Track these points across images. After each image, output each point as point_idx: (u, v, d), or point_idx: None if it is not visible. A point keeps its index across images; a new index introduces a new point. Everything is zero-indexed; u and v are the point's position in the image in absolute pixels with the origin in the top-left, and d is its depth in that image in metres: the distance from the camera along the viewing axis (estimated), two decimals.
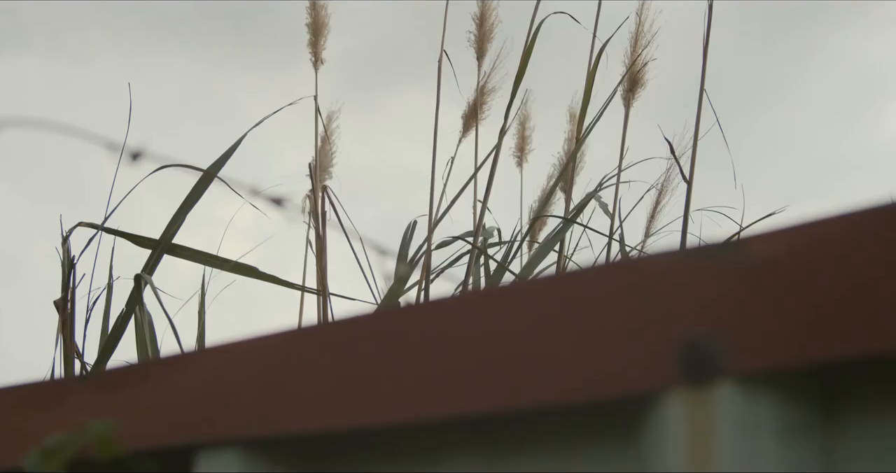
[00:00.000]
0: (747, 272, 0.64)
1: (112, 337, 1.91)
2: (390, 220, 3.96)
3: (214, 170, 1.98)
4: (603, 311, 0.68)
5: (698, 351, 0.64)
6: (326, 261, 2.00)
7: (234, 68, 4.84)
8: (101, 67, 4.89)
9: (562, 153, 2.42)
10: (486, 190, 2.14)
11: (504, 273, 2.02)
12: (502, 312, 0.72)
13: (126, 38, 4.80)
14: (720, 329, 0.62)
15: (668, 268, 0.67)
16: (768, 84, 4.32)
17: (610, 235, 2.13)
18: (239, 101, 4.90)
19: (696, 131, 1.94)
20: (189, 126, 4.78)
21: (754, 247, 0.65)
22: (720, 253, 0.66)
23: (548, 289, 0.72)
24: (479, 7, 2.36)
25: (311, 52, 2.41)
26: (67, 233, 1.93)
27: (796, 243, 0.62)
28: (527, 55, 2.16)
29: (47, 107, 4.85)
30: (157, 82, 4.85)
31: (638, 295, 0.67)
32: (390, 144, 4.10)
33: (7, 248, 4.52)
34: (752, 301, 0.62)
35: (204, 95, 4.91)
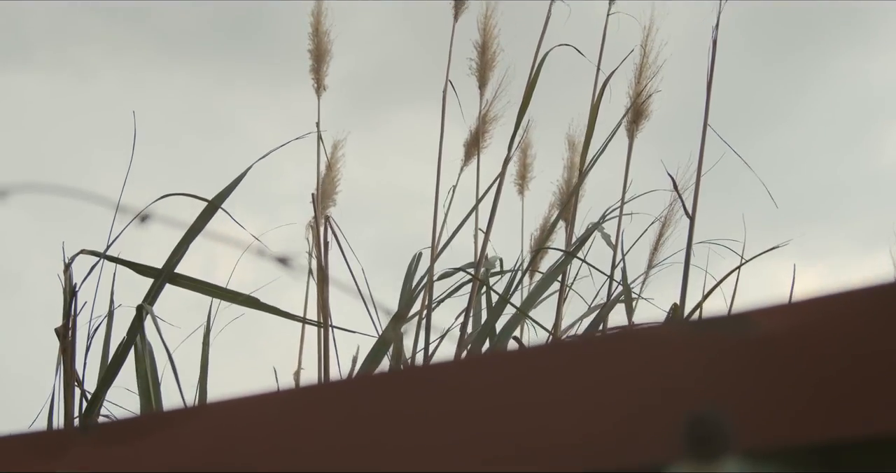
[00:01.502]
0: (752, 346, 0.64)
1: (112, 367, 1.91)
2: (389, 240, 3.96)
3: (219, 201, 1.98)
4: (606, 381, 0.68)
5: (704, 427, 0.64)
6: (328, 293, 2.01)
7: (235, 84, 4.85)
8: (103, 82, 4.90)
9: (562, 181, 2.43)
10: (488, 221, 2.15)
11: (505, 305, 2.02)
12: (501, 379, 0.71)
13: (128, 53, 4.81)
14: (725, 403, 0.62)
15: (674, 340, 0.67)
16: (769, 106, 4.33)
17: (612, 269, 2.13)
18: (239, 118, 4.91)
19: (699, 166, 1.95)
20: (189, 141, 4.79)
21: (759, 322, 0.65)
22: (725, 326, 0.67)
23: (549, 357, 0.72)
24: (481, 36, 2.37)
25: (313, 79, 2.41)
26: (69, 260, 1.93)
27: (801, 318, 0.62)
28: (530, 88, 2.17)
29: (49, 122, 4.85)
30: (159, 97, 4.86)
31: (643, 366, 0.67)
32: (390, 164, 4.11)
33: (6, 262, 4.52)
34: (757, 376, 0.62)
35: (205, 111, 4.92)
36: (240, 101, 4.75)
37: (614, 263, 2.16)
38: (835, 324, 0.60)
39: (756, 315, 0.64)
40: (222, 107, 4.79)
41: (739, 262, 2.10)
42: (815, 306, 0.62)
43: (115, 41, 4.74)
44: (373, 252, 3.53)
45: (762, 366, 0.61)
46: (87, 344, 1.95)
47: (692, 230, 1.91)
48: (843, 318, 0.60)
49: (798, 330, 0.61)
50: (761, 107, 4.16)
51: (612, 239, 2.19)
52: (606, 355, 0.68)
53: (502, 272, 2.40)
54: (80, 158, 4.77)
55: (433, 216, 2.18)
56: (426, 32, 4.15)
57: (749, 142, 4.11)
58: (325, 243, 2.01)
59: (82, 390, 1.93)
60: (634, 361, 0.66)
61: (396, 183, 4.05)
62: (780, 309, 0.63)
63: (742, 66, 3.96)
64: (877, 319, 0.59)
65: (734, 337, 0.65)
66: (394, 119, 4.58)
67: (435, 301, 2.18)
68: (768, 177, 4.22)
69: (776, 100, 4.39)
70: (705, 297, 2.08)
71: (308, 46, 2.42)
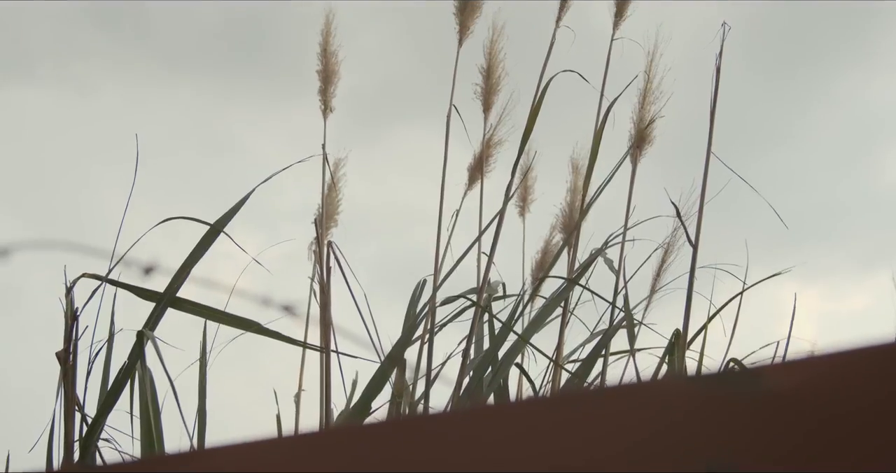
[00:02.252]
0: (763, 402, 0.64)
1: (112, 393, 1.90)
2: (390, 257, 3.95)
3: (221, 225, 1.98)
4: (618, 435, 0.67)
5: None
6: (330, 317, 2.00)
7: (237, 100, 4.86)
8: (105, 97, 4.90)
9: (565, 204, 2.43)
10: (491, 248, 2.14)
11: (508, 333, 2.02)
12: (507, 431, 0.71)
13: (131, 68, 4.81)
14: (736, 459, 0.62)
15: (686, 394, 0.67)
16: (769, 126, 4.34)
17: (614, 296, 2.12)
18: (241, 133, 4.91)
19: (702, 194, 1.94)
20: (191, 156, 4.79)
21: (771, 378, 0.65)
22: (737, 381, 0.66)
23: (559, 408, 0.72)
24: (486, 60, 2.36)
25: (320, 100, 2.41)
26: (71, 283, 1.92)
27: (813, 375, 0.62)
28: (533, 115, 2.16)
29: (51, 136, 4.85)
30: (161, 113, 4.86)
31: (654, 420, 0.67)
32: (390, 180, 4.11)
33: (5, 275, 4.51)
34: (768, 432, 0.62)
35: (206, 127, 4.92)
36: (241, 117, 4.75)
37: (616, 289, 2.16)
38: (847, 380, 0.60)
39: (767, 371, 0.64)
40: (224, 122, 4.80)
41: (742, 288, 2.10)
42: (829, 361, 0.62)
43: (118, 57, 4.74)
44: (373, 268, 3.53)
45: (775, 422, 0.61)
46: (87, 368, 1.94)
47: (695, 258, 1.91)
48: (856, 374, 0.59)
49: (811, 386, 0.61)
50: (761, 128, 4.17)
51: (614, 265, 2.18)
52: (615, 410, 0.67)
53: (504, 296, 2.39)
54: (81, 172, 4.77)
55: (436, 241, 2.17)
56: (428, 50, 4.16)
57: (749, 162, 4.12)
58: (327, 268, 2.01)
59: (83, 414, 1.92)
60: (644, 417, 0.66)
61: (397, 199, 4.05)
62: (791, 366, 0.63)
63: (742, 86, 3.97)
64: (890, 376, 0.58)
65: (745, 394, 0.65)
66: (394, 136, 4.58)
67: (437, 324, 2.18)
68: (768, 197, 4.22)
69: (777, 120, 4.40)
70: (707, 323, 2.08)
71: (316, 67, 2.41)
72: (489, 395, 1.98)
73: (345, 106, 3.60)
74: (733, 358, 2.08)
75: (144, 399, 1.88)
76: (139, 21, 4.79)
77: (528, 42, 2.74)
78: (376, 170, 4.04)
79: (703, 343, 2.05)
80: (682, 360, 1.93)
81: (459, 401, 1.98)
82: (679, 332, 2.09)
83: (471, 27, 2.31)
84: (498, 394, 2.02)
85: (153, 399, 1.89)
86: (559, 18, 2.29)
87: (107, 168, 4.76)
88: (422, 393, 2.10)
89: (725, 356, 2.10)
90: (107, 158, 4.76)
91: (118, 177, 4.87)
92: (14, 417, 2.76)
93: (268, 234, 3.65)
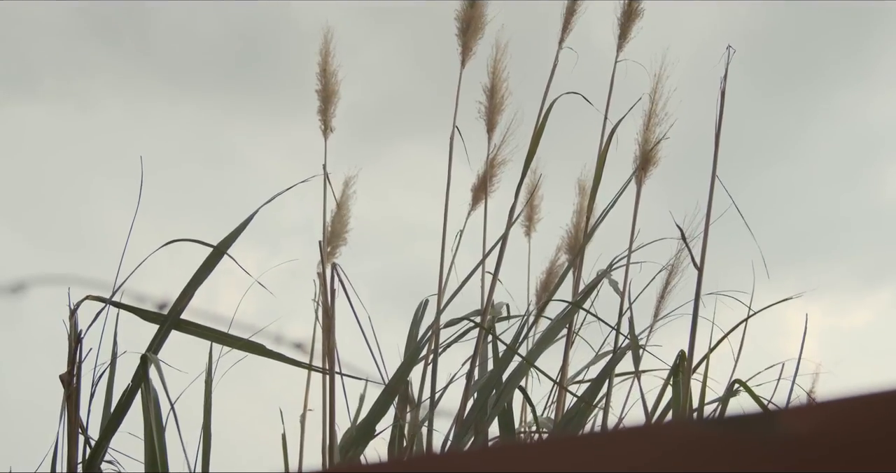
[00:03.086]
0: (780, 445, 0.64)
1: (115, 416, 1.89)
2: (391, 272, 3.95)
3: (224, 246, 1.97)
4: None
5: None
6: (334, 340, 1.99)
7: (239, 116, 4.86)
8: (107, 113, 4.90)
9: (570, 225, 2.42)
10: (495, 269, 2.14)
11: (512, 356, 2.01)
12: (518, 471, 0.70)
13: (133, 84, 4.82)
14: None
15: (702, 437, 0.67)
16: (770, 141, 4.34)
17: (619, 318, 2.12)
18: (243, 148, 4.91)
19: (707, 217, 1.94)
20: (192, 171, 4.79)
21: (788, 421, 0.65)
22: (754, 425, 0.66)
23: (572, 450, 0.71)
24: (489, 79, 2.36)
25: (320, 120, 2.40)
26: (75, 306, 1.91)
27: (830, 418, 0.62)
28: (537, 137, 2.16)
29: (54, 151, 4.85)
30: (162, 128, 4.87)
31: (670, 462, 0.66)
32: (392, 196, 4.11)
33: None
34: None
35: (207, 141, 4.92)
36: (242, 132, 4.75)
37: (621, 312, 2.15)
38: (865, 424, 0.59)
39: (784, 414, 0.64)
40: (225, 137, 4.80)
41: (747, 313, 2.10)
42: (846, 405, 0.61)
43: (120, 72, 4.75)
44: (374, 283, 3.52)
45: (789, 467, 0.61)
46: (91, 390, 1.93)
47: (700, 282, 1.91)
48: (872, 420, 0.59)
49: (827, 429, 0.61)
50: (762, 143, 4.17)
51: (619, 286, 2.18)
52: (630, 451, 0.67)
53: (509, 317, 2.39)
54: (83, 187, 4.77)
55: (440, 263, 2.17)
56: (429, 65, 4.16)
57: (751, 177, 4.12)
58: (331, 291, 2.00)
59: (86, 437, 1.91)
60: (659, 459, 0.65)
61: (397, 215, 4.05)
62: (808, 410, 0.63)
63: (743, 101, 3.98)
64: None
65: (761, 438, 0.65)
66: (395, 151, 4.58)
67: (441, 345, 2.17)
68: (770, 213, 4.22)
69: (777, 136, 4.40)
70: (712, 350, 2.07)
71: (316, 87, 2.41)
72: (493, 418, 1.98)
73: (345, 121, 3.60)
74: (738, 380, 2.08)
75: (149, 422, 1.87)
76: (141, 37, 4.80)
77: (532, 60, 2.74)
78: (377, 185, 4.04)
79: (707, 365, 2.04)
80: (686, 385, 1.93)
81: (463, 425, 1.97)
82: (684, 354, 2.08)
83: (473, 48, 2.31)
84: (502, 418, 2.01)
85: (157, 423, 1.89)
86: (562, 39, 2.29)
87: (108, 181, 4.77)
88: (425, 414, 2.10)
89: (731, 377, 2.10)
90: (108, 172, 4.76)
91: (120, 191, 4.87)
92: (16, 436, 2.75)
93: (269, 250, 3.64)
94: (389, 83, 4.27)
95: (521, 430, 2.25)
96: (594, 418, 2.21)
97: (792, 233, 4.31)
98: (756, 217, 2.36)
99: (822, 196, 4.57)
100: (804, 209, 4.43)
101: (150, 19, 4.86)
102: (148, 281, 2.95)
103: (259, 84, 4.55)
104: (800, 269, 4.18)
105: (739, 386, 2.05)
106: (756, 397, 2.02)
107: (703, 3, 4.12)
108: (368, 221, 3.71)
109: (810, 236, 4.31)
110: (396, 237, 3.98)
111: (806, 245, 4.28)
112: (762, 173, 4.12)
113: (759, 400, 2.02)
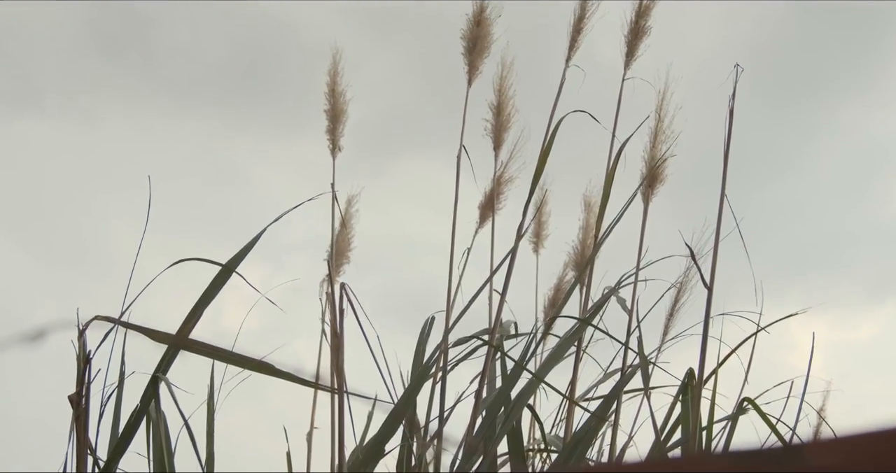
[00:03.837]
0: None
1: (124, 437, 1.89)
2: (395, 287, 3.95)
3: (233, 265, 1.97)
4: None
5: None
6: (343, 360, 1.99)
7: (241, 131, 4.87)
8: (111, 128, 4.91)
9: (577, 241, 2.43)
10: (503, 287, 2.14)
11: (521, 372, 2.01)
12: None
13: (137, 100, 4.83)
14: None
15: (728, 471, 0.67)
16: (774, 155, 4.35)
17: (627, 336, 2.12)
18: (245, 164, 4.92)
19: (716, 237, 1.94)
20: (195, 186, 4.80)
21: (814, 455, 0.65)
22: (780, 458, 0.66)
23: None
24: (496, 97, 2.37)
25: (328, 140, 2.41)
26: (84, 326, 1.91)
27: (856, 452, 0.62)
28: (544, 156, 2.17)
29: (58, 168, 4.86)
30: (166, 143, 4.88)
31: None
32: (396, 211, 4.11)
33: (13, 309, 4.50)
34: None
35: (211, 157, 4.93)
36: (247, 147, 4.76)
37: (629, 330, 2.15)
38: (890, 460, 0.59)
39: (810, 448, 0.64)
40: (230, 152, 4.81)
41: (756, 328, 2.10)
42: (870, 441, 0.61)
43: (125, 88, 4.76)
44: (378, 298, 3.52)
45: None
46: (100, 411, 1.93)
47: (710, 301, 1.90)
48: None
49: (852, 463, 0.61)
50: (767, 157, 4.17)
51: (627, 304, 2.18)
52: None
53: (517, 335, 2.39)
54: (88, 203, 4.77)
55: (448, 282, 2.17)
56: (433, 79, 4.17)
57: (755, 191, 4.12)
58: (340, 310, 2.00)
59: (94, 458, 1.91)
60: None
61: (402, 230, 4.04)
62: (834, 444, 0.63)
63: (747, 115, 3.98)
64: None
65: (788, 471, 0.65)
66: (399, 166, 4.59)
67: (450, 362, 2.17)
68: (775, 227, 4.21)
69: (781, 149, 4.41)
70: (719, 365, 2.07)
71: (324, 107, 2.42)
72: (502, 437, 1.97)
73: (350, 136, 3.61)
74: (747, 398, 2.07)
75: (158, 443, 1.87)
76: (145, 52, 4.82)
77: (537, 77, 2.75)
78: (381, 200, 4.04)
79: (716, 382, 2.04)
80: (697, 406, 1.93)
81: (473, 442, 1.97)
82: (692, 372, 2.08)
83: (480, 67, 2.31)
84: (511, 436, 2.01)
85: (167, 444, 1.88)
86: (569, 58, 2.30)
87: (111, 196, 4.77)
88: (434, 432, 2.09)
89: (739, 395, 2.10)
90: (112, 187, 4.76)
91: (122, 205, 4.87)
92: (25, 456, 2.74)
93: (272, 266, 3.64)
94: (392, 98, 4.28)
95: (529, 448, 2.24)
96: (602, 436, 2.21)
97: (796, 247, 4.31)
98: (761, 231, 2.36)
99: (826, 209, 4.57)
100: (809, 223, 4.43)
101: (154, 35, 4.88)
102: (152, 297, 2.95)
103: (262, 98, 4.56)
104: (805, 283, 4.18)
105: (748, 404, 2.05)
106: (765, 416, 2.02)
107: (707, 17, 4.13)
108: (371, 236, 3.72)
109: (815, 250, 4.31)
110: (400, 252, 3.98)
111: (810, 258, 4.28)
112: (767, 187, 4.12)
113: (768, 420, 2.02)
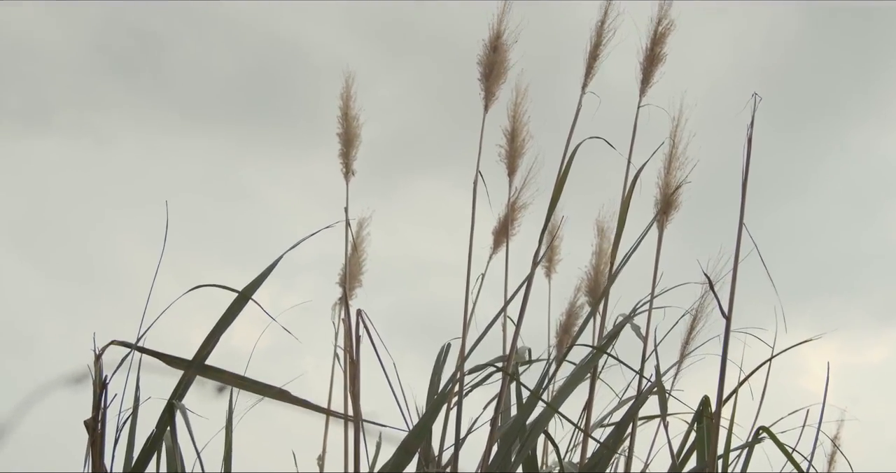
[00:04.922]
0: None
1: (140, 462, 1.89)
2: (406, 307, 3.94)
3: (249, 292, 1.97)
4: None
5: None
6: (359, 387, 1.99)
7: (252, 150, 4.88)
8: (122, 147, 4.93)
9: (591, 267, 2.42)
10: (519, 315, 2.14)
11: (536, 402, 2.00)
12: None
13: (148, 118, 4.84)
14: None
15: None
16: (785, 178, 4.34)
17: (642, 363, 2.12)
18: (255, 183, 4.92)
19: (735, 266, 1.93)
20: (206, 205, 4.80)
21: None
22: None
23: None
24: (510, 123, 2.37)
25: (342, 163, 2.41)
26: (100, 351, 1.91)
27: None
28: (560, 184, 2.17)
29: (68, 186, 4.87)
30: (177, 162, 4.89)
31: None
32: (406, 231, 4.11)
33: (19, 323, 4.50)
34: None
35: (222, 176, 4.94)
36: (257, 166, 4.77)
37: (644, 356, 2.15)
38: None
39: None
40: (240, 172, 4.82)
41: (770, 354, 2.09)
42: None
43: (135, 107, 4.78)
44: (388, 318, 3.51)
45: None
46: (115, 436, 1.93)
47: (728, 330, 1.90)
48: None
49: None
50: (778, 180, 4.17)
51: (641, 331, 2.18)
52: None
53: (531, 361, 2.39)
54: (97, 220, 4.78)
55: (463, 309, 2.17)
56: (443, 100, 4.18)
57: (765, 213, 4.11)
58: (357, 337, 2.00)
59: None
60: None
61: (412, 250, 4.04)
62: None
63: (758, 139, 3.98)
64: None
65: None
66: (409, 186, 4.59)
67: (465, 387, 2.17)
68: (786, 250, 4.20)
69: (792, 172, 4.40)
70: (734, 391, 2.07)
71: (337, 130, 2.43)
72: (517, 467, 1.97)
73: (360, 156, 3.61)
74: (763, 427, 2.07)
75: (174, 470, 1.87)
76: (156, 72, 4.83)
77: (550, 102, 2.75)
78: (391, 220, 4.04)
79: (734, 412, 2.03)
80: (715, 434, 1.92)
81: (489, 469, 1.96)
82: (707, 400, 2.08)
83: (496, 93, 2.32)
84: (526, 464, 2.00)
85: (182, 468, 1.88)
86: (585, 84, 2.30)
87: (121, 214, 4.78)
88: (450, 457, 2.09)
89: (754, 423, 2.09)
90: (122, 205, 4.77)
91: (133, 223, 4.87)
92: None
93: (282, 285, 3.63)
94: (402, 118, 4.29)
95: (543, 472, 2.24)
96: (616, 462, 2.20)
97: (807, 270, 4.30)
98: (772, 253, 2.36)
99: (836, 232, 4.56)
100: (819, 246, 4.42)
101: (166, 54, 4.90)
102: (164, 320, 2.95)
103: (272, 118, 4.58)
104: (815, 306, 4.16)
105: (764, 432, 2.04)
106: (782, 446, 2.01)
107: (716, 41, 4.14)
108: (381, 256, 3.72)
109: (826, 273, 4.30)
110: (409, 272, 3.97)
111: (821, 281, 4.27)
112: (777, 210, 4.12)
113: (784, 449, 2.01)
